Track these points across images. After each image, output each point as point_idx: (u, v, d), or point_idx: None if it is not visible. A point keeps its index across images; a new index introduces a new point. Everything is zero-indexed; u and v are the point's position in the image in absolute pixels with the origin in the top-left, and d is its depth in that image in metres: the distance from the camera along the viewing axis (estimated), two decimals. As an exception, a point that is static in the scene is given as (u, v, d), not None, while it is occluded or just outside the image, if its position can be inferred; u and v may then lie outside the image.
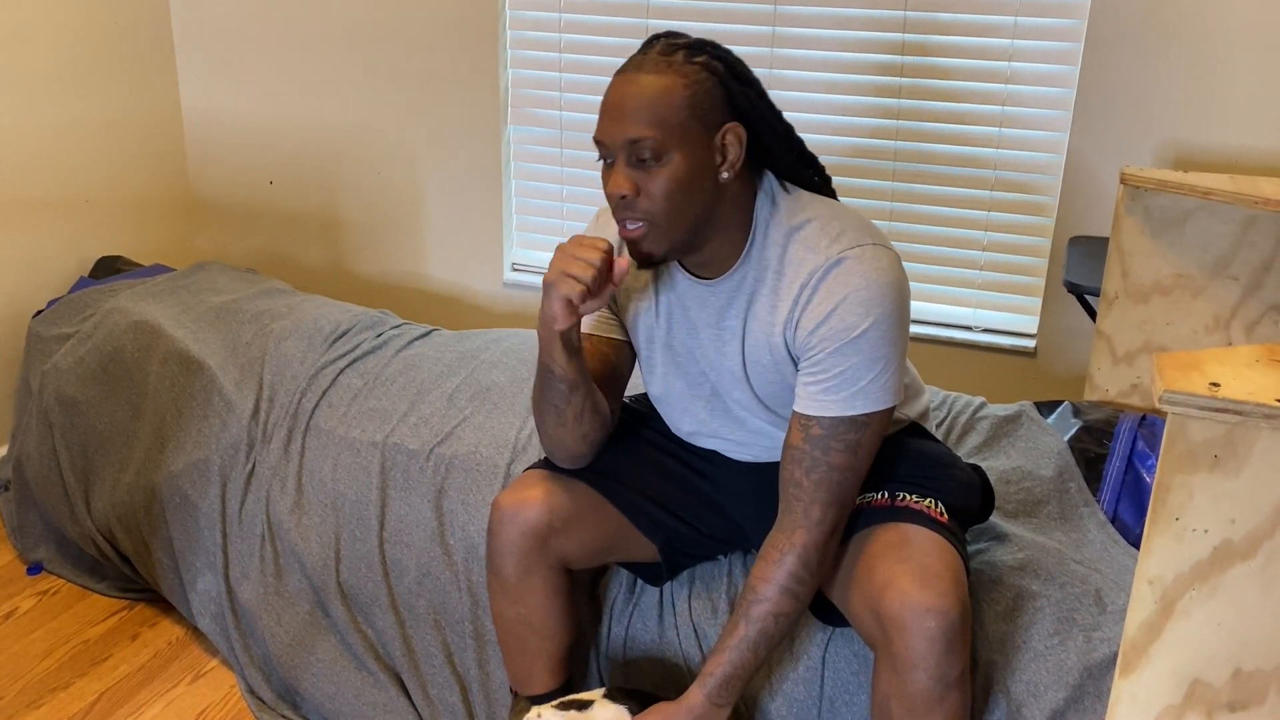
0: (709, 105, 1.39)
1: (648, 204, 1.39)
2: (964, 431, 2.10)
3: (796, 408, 1.46)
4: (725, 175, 1.42)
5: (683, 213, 1.40)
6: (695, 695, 1.47)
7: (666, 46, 1.41)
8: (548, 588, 1.62)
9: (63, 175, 2.90)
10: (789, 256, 1.45)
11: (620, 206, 1.40)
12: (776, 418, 1.58)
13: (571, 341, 1.48)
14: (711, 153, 1.40)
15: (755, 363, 1.51)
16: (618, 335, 1.63)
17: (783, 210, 1.47)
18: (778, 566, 1.45)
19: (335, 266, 3.32)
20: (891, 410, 1.46)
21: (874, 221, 2.73)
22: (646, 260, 1.44)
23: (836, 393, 1.42)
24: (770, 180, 1.49)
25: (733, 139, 1.41)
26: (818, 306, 1.42)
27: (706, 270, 1.50)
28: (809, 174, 1.52)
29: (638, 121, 1.36)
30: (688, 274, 1.52)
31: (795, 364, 1.48)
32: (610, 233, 1.61)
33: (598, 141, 1.41)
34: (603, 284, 1.44)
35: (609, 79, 2.84)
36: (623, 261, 1.43)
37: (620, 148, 1.38)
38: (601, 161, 1.44)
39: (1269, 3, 2.25)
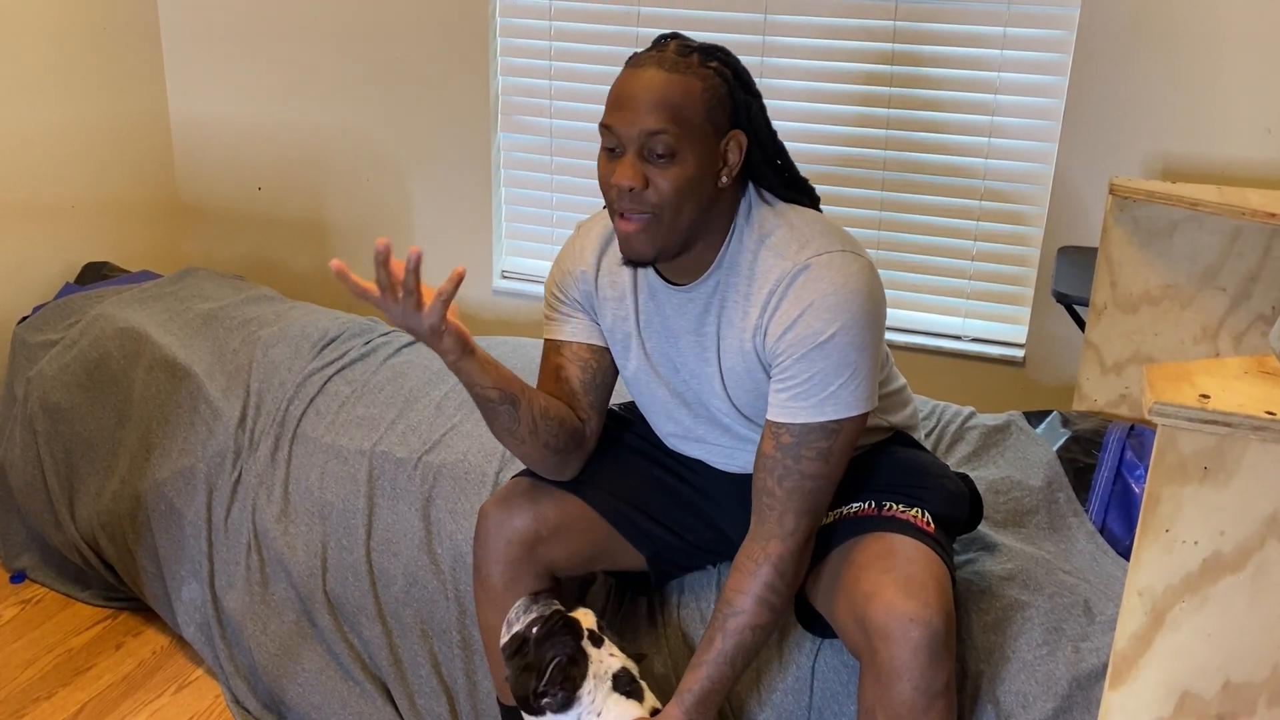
0: (720, 110, 1.40)
1: (655, 198, 1.38)
2: (953, 441, 2.10)
3: (768, 415, 1.46)
4: (723, 181, 1.42)
5: (684, 213, 1.40)
6: (673, 712, 1.46)
7: (681, 47, 1.40)
8: None
9: (49, 180, 2.88)
10: (759, 263, 1.46)
11: (626, 198, 1.38)
12: (756, 426, 1.57)
13: (478, 358, 1.45)
14: (715, 158, 1.40)
15: (731, 370, 1.51)
16: (598, 341, 1.62)
17: (756, 218, 1.48)
18: (753, 578, 1.44)
19: (323, 273, 3.31)
20: (864, 417, 1.45)
21: (863, 231, 2.74)
22: (636, 259, 1.43)
23: (805, 399, 1.42)
24: (751, 190, 1.50)
25: (734, 146, 1.42)
26: (785, 313, 1.42)
27: (681, 276, 1.51)
28: (797, 196, 1.52)
29: (658, 114, 1.35)
30: (663, 280, 1.52)
31: (768, 372, 1.48)
32: (590, 249, 1.60)
33: (607, 128, 1.38)
34: (402, 288, 1.33)
35: (599, 87, 2.84)
36: (379, 241, 1.30)
37: (634, 139, 1.37)
38: (606, 151, 1.41)
39: (1257, 15, 2.26)
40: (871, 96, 2.63)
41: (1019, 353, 2.67)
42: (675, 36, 1.44)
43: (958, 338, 2.73)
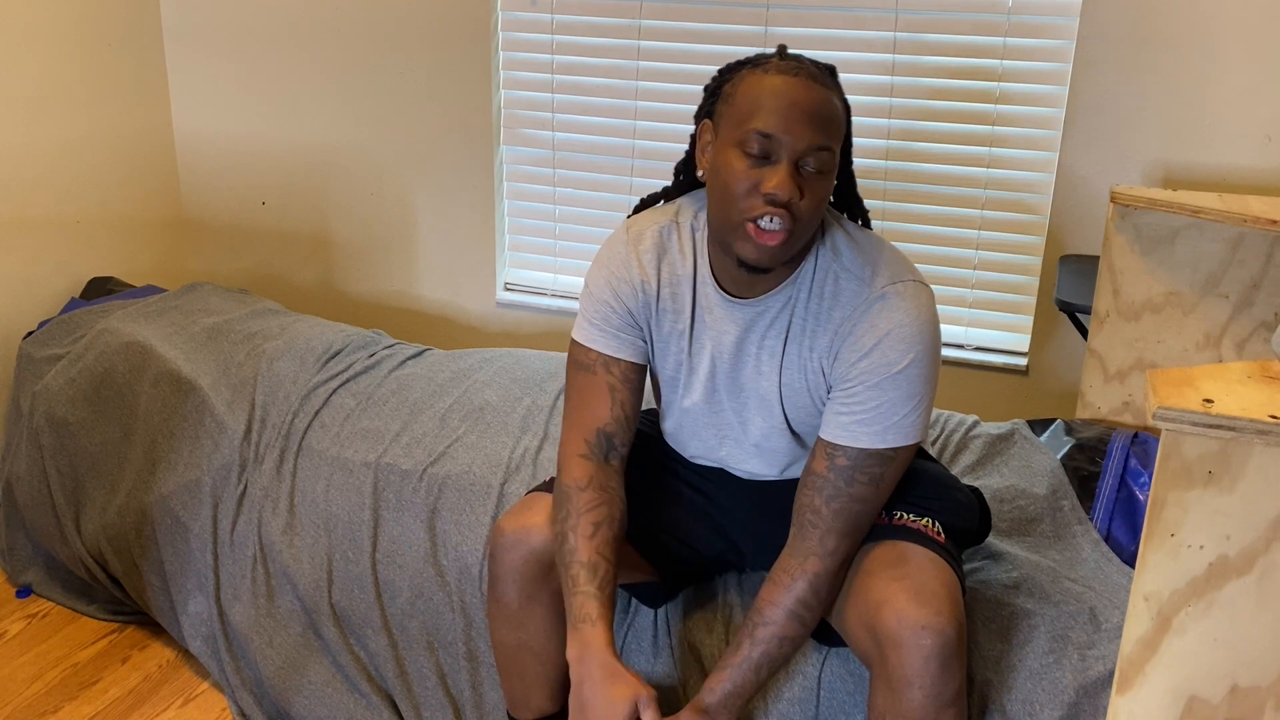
0: (845, 133, 1.42)
1: (801, 211, 1.36)
2: (957, 450, 2.10)
3: (824, 435, 1.46)
4: (829, 202, 1.45)
5: (813, 228, 1.40)
6: (695, 709, 1.46)
7: (813, 63, 1.40)
8: (549, 613, 1.61)
9: (54, 195, 2.89)
10: (831, 285, 1.46)
11: (780, 205, 1.34)
12: (795, 440, 1.57)
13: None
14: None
15: (789, 385, 1.51)
16: (641, 361, 1.58)
17: (830, 238, 1.48)
18: (787, 591, 1.45)
19: (327, 287, 3.32)
20: (917, 446, 1.47)
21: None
22: (763, 266, 1.40)
23: (870, 425, 1.43)
24: (826, 212, 1.52)
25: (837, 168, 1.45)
26: (860, 339, 1.42)
27: (748, 290, 1.49)
28: (863, 218, 1.56)
29: (826, 130, 1.35)
30: (724, 293, 1.50)
31: (828, 390, 1.49)
32: (648, 257, 1.54)
33: (765, 135, 1.34)
34: None
35: (601, 100, 2.85)
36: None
37: (797, 150, 1.34)
38: (746, 156, 1.35)
39: (1256, 23, 2.27)
40: (872, 107, 2.64)
41: (1022, 361, 2.68)
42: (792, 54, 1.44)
43: (961, 346, 2.74)
